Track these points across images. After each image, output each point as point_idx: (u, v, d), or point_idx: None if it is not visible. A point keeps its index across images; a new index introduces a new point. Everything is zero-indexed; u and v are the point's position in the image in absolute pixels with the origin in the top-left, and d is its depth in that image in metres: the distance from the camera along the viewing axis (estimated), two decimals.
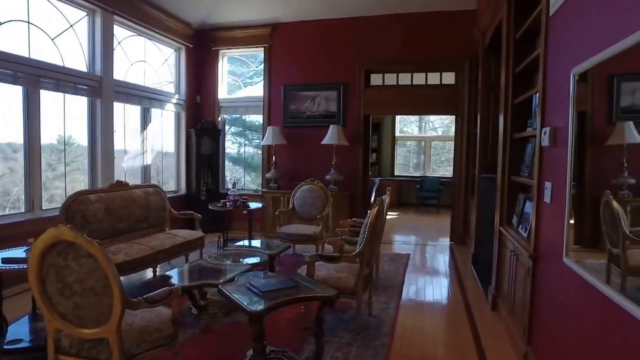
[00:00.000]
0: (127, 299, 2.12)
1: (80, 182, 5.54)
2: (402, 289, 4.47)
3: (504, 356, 3.09)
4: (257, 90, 7.67)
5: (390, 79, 6.82)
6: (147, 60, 6.68)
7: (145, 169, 6.67)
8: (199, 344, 3.15)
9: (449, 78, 6.59)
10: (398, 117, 11.75)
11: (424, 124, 12.64)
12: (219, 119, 7.71)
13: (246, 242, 4.90)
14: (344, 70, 6.89)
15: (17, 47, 4.49)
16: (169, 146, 7.34)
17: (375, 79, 6.89)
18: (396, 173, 11.80)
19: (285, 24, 7.18)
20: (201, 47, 7.58)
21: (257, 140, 8.06)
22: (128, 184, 4.79)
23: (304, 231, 5.34)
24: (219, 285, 2.78)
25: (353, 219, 5.20)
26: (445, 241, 6.95)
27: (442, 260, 5.85)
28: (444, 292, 4.55)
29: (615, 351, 1.77)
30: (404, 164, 12.39)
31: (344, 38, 6.91)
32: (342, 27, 6.90)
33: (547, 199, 2.74)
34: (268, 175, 7.07)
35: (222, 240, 5.67)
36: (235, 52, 7.80)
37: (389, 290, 4.36)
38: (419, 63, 6.58)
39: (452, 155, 12.19)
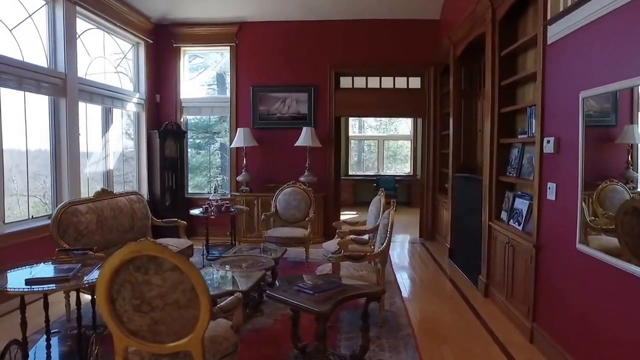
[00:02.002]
0: (213, 310, 2.10)
1: None
2: (398, 284, 4.75)
3: (511, 334, 3.47)
4: (195, 85, 7.68)
5: (360, 82, 7.10)
6: (107, 56, 6.23)
7: (108, 174, 6.23)
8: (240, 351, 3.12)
9: (415, 82, 7.02)
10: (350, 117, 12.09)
11: (362, 122, 13.25)
12: (182, 119, 7.42)
13: (236, 248, 4.86)
14: (315, 72, 7.01)
15: None
16: (129, 148, 6.91)
17: (345, 82, 7.12)
18: (350, 172, 12.14)
19: (252, 24, 7.10)
20: (161, 44, 7.21)
21: (199, 140, 7.87)
22: (112, 192, 4.50)
23: (293, 234, 5.39)
24: (267, 291, 2.80)
25: (343, 220, 5.38)
26: (412, 237, 7.35)
27: (420, 256, 6.20)
28: (435, 284, 4.89)
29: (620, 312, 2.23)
30: (355, 163, 12.82)
31: (313, 40, 7.01)
32: (311, 30, 7.01)
33: (551, 197, 3.16)
34: (239, 178, 6.96)
35: (205, 247, 5.53)
36: (199, 50, 7.55)
37: (387, 286, 4.58)
38: (387, 67, 6.93)
39: (394, 153, 13.03)
